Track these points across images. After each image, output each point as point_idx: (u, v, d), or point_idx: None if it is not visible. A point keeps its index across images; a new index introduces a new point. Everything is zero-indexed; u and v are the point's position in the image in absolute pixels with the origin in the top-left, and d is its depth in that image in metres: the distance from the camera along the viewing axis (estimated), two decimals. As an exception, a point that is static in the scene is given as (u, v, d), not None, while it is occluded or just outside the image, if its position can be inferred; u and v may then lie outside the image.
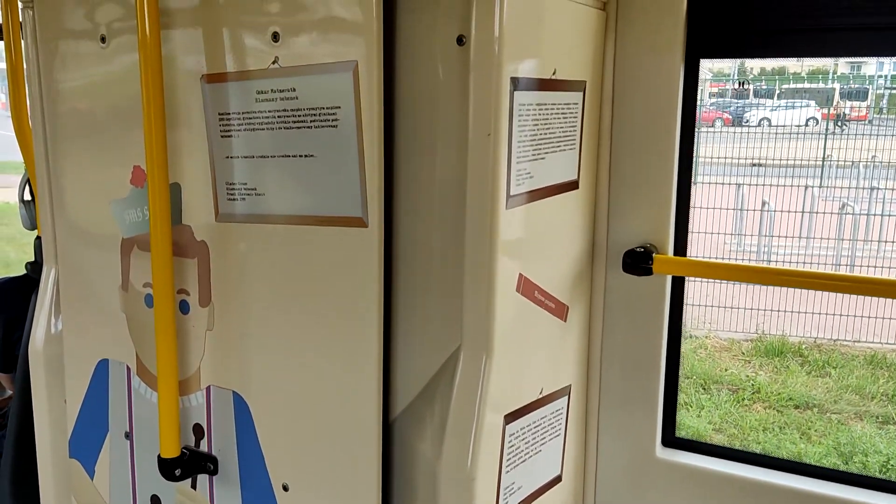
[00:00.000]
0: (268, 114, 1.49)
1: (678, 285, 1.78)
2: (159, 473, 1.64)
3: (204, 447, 1.70)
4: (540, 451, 1.65)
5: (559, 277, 1.65)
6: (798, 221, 8.79)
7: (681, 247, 1.75)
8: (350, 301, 1.48)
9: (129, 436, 1.81)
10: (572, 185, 1.64)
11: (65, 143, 1.79)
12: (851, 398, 6.14)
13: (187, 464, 1.66)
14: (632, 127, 1.69)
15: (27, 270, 2.60)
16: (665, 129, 1.66)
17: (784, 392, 6.18)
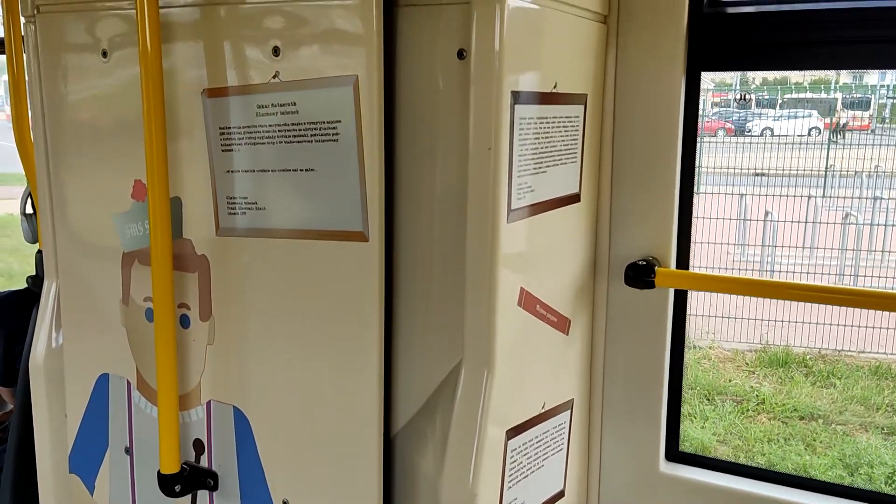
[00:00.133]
0: (268, 128, 1.48)
1: (681, 297, 1.77)
2: (159, 489, 1.63)
3: (204, 462, 1.69)
4: (542, 466, 1.64)
5: (561, 291, 1.64)
6: (801, 231, 8.77)
7: (683, 259, 1.74)
8: (351, 316, 1.47)
9: (129, 451, 1.80)
10: (574, 199, 1.64)
11: (66, 156, 1.79)
12: (856, 409, 6.11)
13: (187, 479, 1.65)
14: (633, 140, 1.68)
15: (28, 284, 2.60)
16: (666, 142, 1.66)
17: (789, 403, 6.16)
